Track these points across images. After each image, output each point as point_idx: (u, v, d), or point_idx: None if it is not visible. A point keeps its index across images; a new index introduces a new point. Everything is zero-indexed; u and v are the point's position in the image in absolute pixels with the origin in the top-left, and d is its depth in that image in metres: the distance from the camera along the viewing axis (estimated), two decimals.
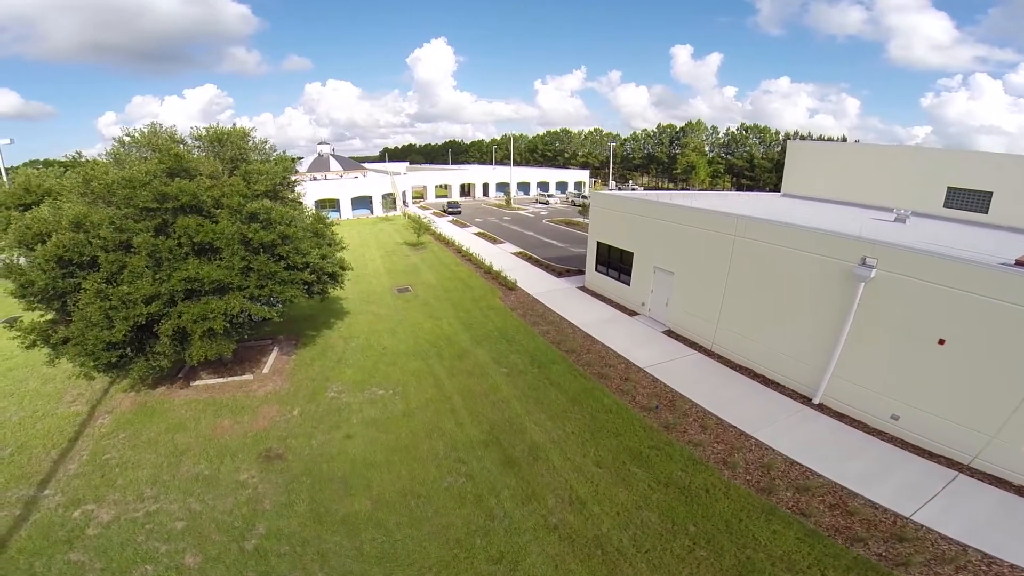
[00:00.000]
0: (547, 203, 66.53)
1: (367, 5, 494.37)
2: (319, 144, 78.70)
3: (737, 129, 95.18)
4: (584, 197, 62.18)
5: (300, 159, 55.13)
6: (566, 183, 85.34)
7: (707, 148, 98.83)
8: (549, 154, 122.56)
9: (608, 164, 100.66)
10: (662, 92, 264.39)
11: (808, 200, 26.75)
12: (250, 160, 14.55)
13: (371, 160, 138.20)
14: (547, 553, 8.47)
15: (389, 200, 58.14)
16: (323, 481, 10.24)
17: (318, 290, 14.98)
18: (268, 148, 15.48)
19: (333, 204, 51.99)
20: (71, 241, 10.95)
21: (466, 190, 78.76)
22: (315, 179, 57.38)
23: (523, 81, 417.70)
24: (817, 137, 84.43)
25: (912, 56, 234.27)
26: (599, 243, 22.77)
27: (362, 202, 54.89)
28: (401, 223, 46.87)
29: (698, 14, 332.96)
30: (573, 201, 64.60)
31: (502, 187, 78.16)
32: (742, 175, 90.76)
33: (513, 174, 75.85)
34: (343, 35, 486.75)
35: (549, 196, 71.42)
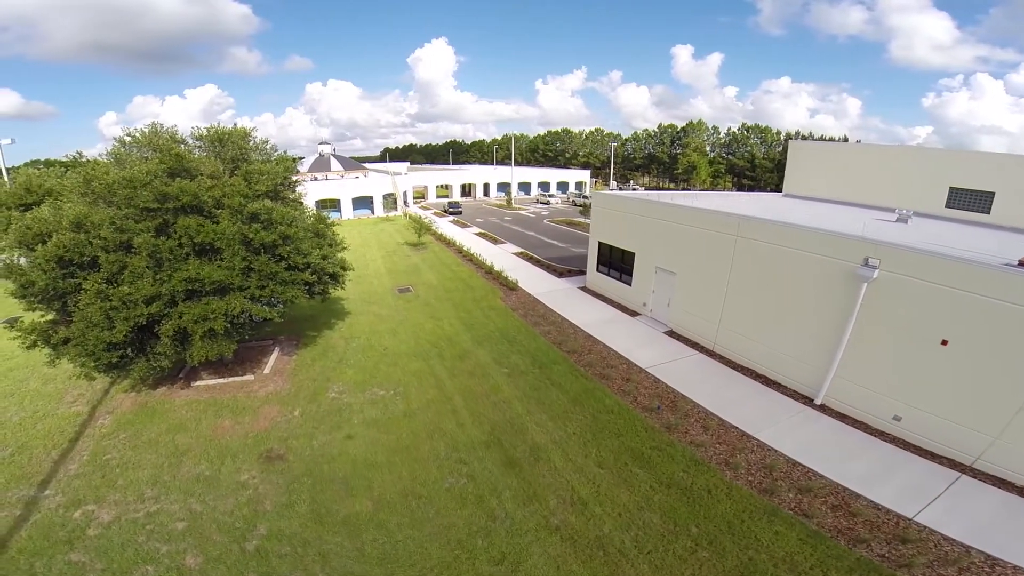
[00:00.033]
0: (548, 203, 66.48)
1: (368, 5, 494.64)
2: (320, 144, 78.59)
3: (738, 129, 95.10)
4: (585, 197, 62.16)
5: (301, 159, 55.32)
6: (567, 183, 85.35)
7: (708, 148, 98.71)
8: (550, 154, 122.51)
9: (609, 164, 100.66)
10: (663, 92, 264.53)
11: (810, 200, 26.70)
12: (251, 160, 14.51)
13: (372, 160, 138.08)
14: (549, 554, 8.45)
15: (390, 200, 58.13)
16: (324, 482, 10.22)
17: (319, 290, 14.92)
18: (269, 148, 15.43)
19: (334, 204, 51.96)
20: (72, 241, 10.92)
21: (467, 190, 78.77)
22: (316, 179, 57.32)
23: (524, 81, 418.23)
24: (818, 137, 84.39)
25: (913, 56, 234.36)
26: (600, 243, 22.73)
27: (363, 202, 54.89)
28: (402, 223, 46.83)
29: (699, 14, 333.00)
30: (574, 201, 64.52)
31: (503, 187, 78.20)
32: (743, 175, 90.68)
33: (514, 174, 75.87)
34: (344, 35, 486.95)
35: (550, 196, 71.41)
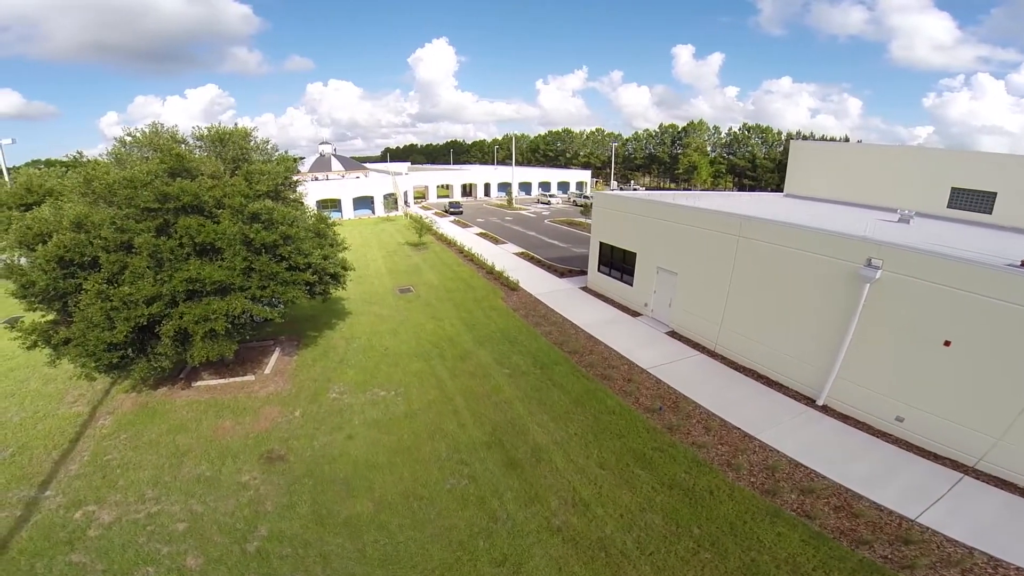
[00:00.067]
0: (549, 203, 66.41)
1: (368, 5, 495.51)
2: (321, 144, 78.50)
3: (739, 129, 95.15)
4: (586, 197, 62.13)
5: (302, 159, 55.04)
6: (568, 183, 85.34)
7: (709, 148, 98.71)
8: (551, 154, 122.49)
9: (610, 164, 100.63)
10: (664, 92, 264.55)
11: (811, 200, 26.63)
12: (252, 160, 14.48)
13: (373, 160, 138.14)
14: (550, 555, 8.43)
15: (391, 200, 58.10)
16: (325, 483, 10.19)
17: (320, 291, 14.88)
18: (270, 148, 15.39)
19: (335, 204, 51.95)
20: (72, 241, 10.89)
21: (468, 190, 78.77)
22: (317, 179, 57.28)
23: (524, 81, 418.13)
24: (819, 137, 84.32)
25: (914, 56, 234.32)
26: (601, 243, 22.68)
27: (364, 202, 54.87)
28: (403, 223, 46.80)
29: (699, 14, 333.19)
30: (575, 201, 64.45)
31: (504, 187, 78.15)
32: (744, 175, 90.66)
33: (515, 174, 75.80)
34: (344, 35, 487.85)
35: (551, 196, 71.32)
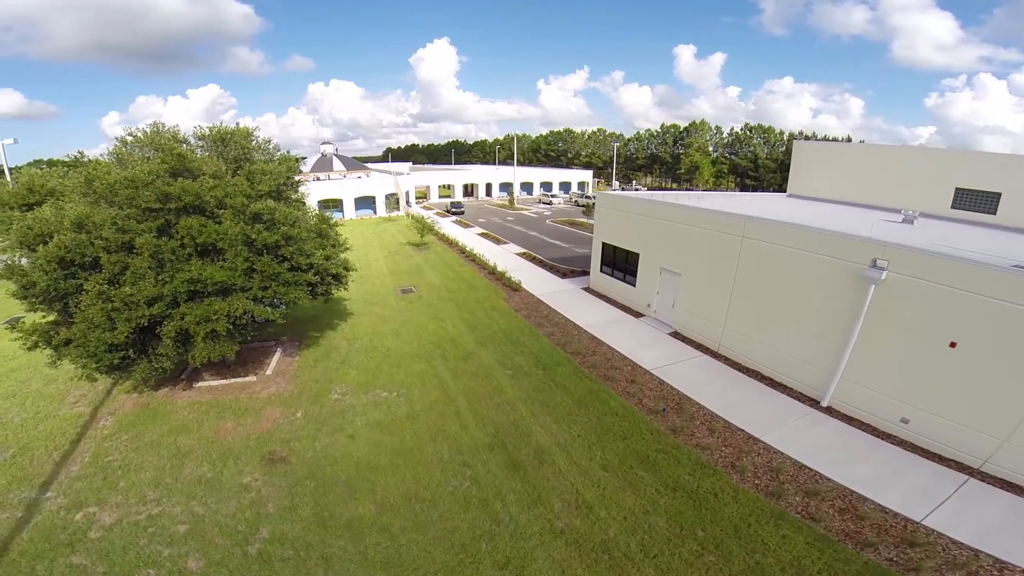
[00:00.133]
0: (550, 203, 66.30)
1: (369, 5, 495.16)
2: (322, 144, 78.58)
3: (741, 129, 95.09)
4: (588, 197, 62.09)
5: (304, 159, 55.15)
6: (569, 183, 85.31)
7: (711, 148, 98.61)
8: (552, 154, 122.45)
9: (611, 164, 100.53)
10: (665, 92, 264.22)
11: (814, 201, 26.57)
12: (254, 160, 14.44)
13: (374, 160, 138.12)
14: (553, 558, 8.37)
15: (392, 200, 58.09)
16: (327, 484, 10.14)
17: (322, 291, 14.82)
18: (272, 148, 15.36)
19: (336, 204, 51.95)
20: (73, 242, 10.87)
21: (469, 190, 78.79)
22: (319, 179, 57.32)
23: (526, 81, 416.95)
24: (822, 137, 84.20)
25: (916, 56, 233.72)
26: (604, 244, 22.61)
27: (365, 202, 54.86)
28: (404, 223, 46.77)
29: (700, 14, 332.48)
30: (577, 201, 64.38)
31: (505, 187, 78.14)
32: (746, 175, 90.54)
33: (516, 174, 75.79)
34: (346, 35, 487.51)
35: (552, 196, 71.22)
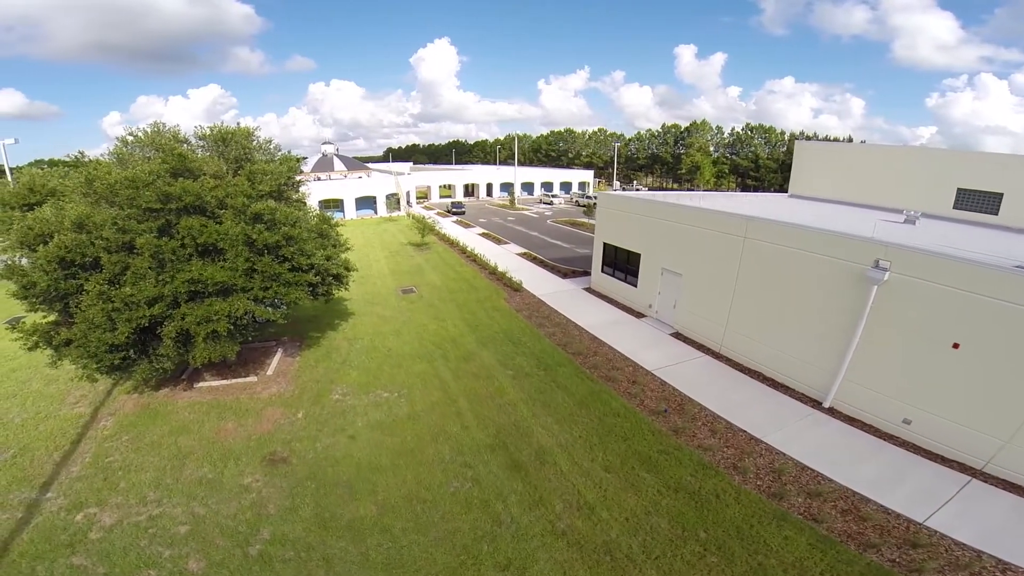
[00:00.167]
0: (551, 203, 66.32)
1: (370, 5, 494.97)
2: (323, 144, 78.66)
3: (742, 129, 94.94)
4: (588, 197, 62.08)
5: (304, 159, 55.17)
6: (570, 183, 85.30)
7: (712, 148, 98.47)
8: (553, 154, 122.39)
9: (612, 164, 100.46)
10: (666, 92, 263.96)
11: (816, 201, 26.53)
12: (254, 160, 14.41)
13: (375, 160, 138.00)
14: (555, 559, 8.35)
15: (393, 200, 58.09)
16: (328, 485, 10.12)
17: (323, 292, 14.76)
18: (272, 148, 15.33)
19: (337, 204, 51.94)
20: (73, 242, 10.84)
21: (470, 190, 78.83)
22: (319, 179, 57.36)
23: (526, 81, 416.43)
24: (823, 137, 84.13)
25: (917, 56, 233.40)
26: (605, 244, 22.59)
27: (366, 202, 54.85)
28: (405, 223, 46.74)
29: (701, 14, 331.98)
30: (577, 201, 64.37)
31: (506, 187, 78.20)
32: (747, 175, 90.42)
33: (517, 174, 75.80)
34: (346, 35, 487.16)
35: (553, 196, 71.23)
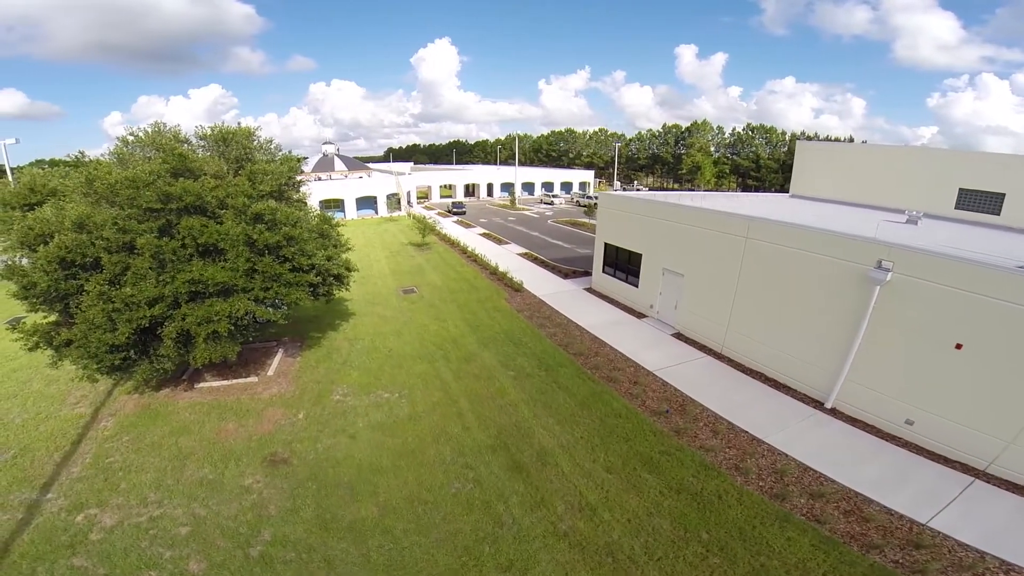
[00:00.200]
0: (552, 203, 66.31)
1: (370, 5, 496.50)
2: (324, 144, 78.67)
3: (743, 129, 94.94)
4: (589, 197, 62.04)
5: (305, 159, 55.08)
6: (571, 183, 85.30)
7: (713, 148, 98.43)
8: (554, 154, 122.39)
9: (613, 164, 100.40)
10: (666, 92, 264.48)
11: (817, 201, 26.49)
12: (255, 160, 14.38)
13: (375, 160, 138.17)
14: (557, 561, 8.32)
15: (394, 200, 58.10)
16: (329, 486, 10.09)
17: (323, 292, 14.73)
18: (273, 148, 15.31)
19: (338, 204, 51.98)
20: (73, 242, 10.81)
21: (470, 190, 78.82)
22: (320, 179, 57.36)
23: (527, 81, 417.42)
24: (824, 138, 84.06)
25: (918, 56, 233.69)
26: (606, 244, 22.55)
27: (367, 202, 54.88)
28: (406, 223, 46.74)
29: (701, 14, 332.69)
30: (578, 201, 64.36)
31: (506, 187, 78.22)
32: (748, 176, 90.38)
33: (518, 174, 75.82)
34: (347, 35, 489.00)
35: (554, 196, 71.25)
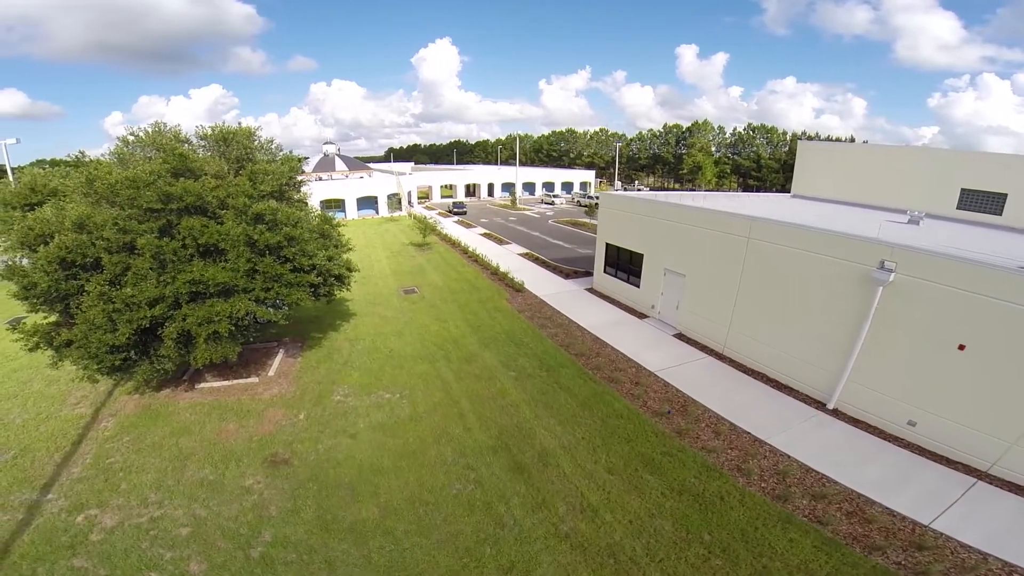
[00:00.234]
0: (552, 203, 66.28)
1: (371, 5, 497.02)
2: (324, 144, 78.81)
3: (744, 129, 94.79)
4: (590, 197, 61.98)
5: (306, 159, 55.24)
6: (571, 183, 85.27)
7: (713, 148, 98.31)
8: (554, 154, 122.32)
9: (614, 164, 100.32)
10: (667, 92, 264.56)
11: (819, 201, 26.45)
12: (256, 160, 14.34)
13: (376, 160, 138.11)
14: (559, 562, 8.29)
15: (394, 200, 58.09)
16: (330, 487, 10.07)
17: (324, 292, 14.70)
18: (274, 148, 15.27)
19: (338, 204, 51.98)
20: (74, 242, 10.80)
21: (471, 190, 78.81)
22: (321, 179, 57.40)
23: (528, 81, 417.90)
24: (825, 138, 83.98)
25: (919, 56, 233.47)
26: (608, 244, 22.52)
27: (367, 202, 54.88)
28: (407, 223, 46.75)
29: (702, 14, 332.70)
30: (579, 201, 64.29)
31: (507, 187, 78.24)
32: (749, 176, 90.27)
33: (518, 174, 75.82)
34: (348, 35, 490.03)
35: (554, 196, 71.23)
